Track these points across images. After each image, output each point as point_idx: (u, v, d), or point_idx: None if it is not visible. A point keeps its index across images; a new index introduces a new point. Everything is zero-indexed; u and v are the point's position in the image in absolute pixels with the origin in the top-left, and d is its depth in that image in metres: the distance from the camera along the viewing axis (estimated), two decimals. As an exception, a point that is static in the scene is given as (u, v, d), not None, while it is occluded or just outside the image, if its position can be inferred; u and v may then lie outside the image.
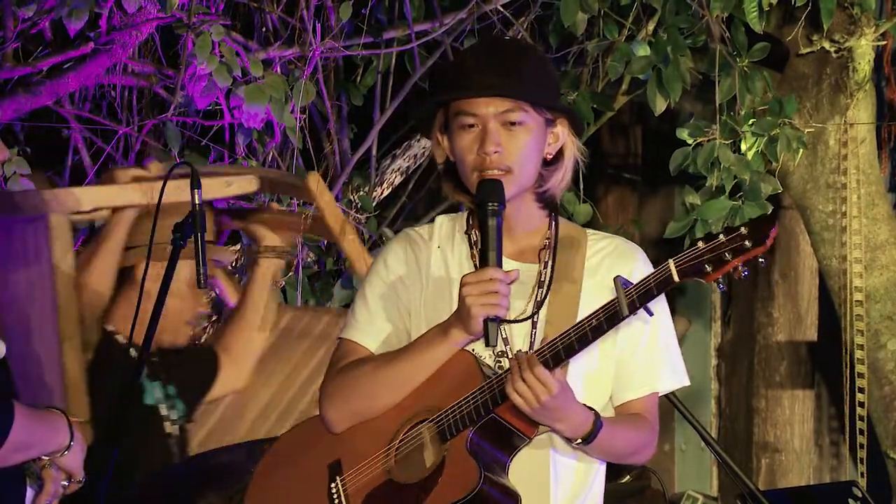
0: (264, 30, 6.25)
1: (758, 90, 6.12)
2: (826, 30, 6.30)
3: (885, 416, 6.53)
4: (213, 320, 5.58)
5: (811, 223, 6.55)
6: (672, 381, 3.69)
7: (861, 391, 6.44)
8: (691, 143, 6.03)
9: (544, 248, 3.68)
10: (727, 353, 7.52)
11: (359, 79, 6.54)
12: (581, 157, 3.70)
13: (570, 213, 6.18)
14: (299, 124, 5.80)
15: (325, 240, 5.84)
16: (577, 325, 3.47)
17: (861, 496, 5.10)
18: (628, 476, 5.12)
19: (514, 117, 3.58)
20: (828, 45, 6.42)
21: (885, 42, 6.66)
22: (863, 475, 6.43)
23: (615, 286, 3.45)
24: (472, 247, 3.68)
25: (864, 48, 6.40)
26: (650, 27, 6.18)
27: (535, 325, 3.61)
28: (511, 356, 3.55)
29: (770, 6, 6.05)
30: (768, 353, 7.32)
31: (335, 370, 3.65)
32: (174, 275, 4.13)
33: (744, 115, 6.09)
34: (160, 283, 4.10)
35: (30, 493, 3.65)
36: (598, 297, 3.58)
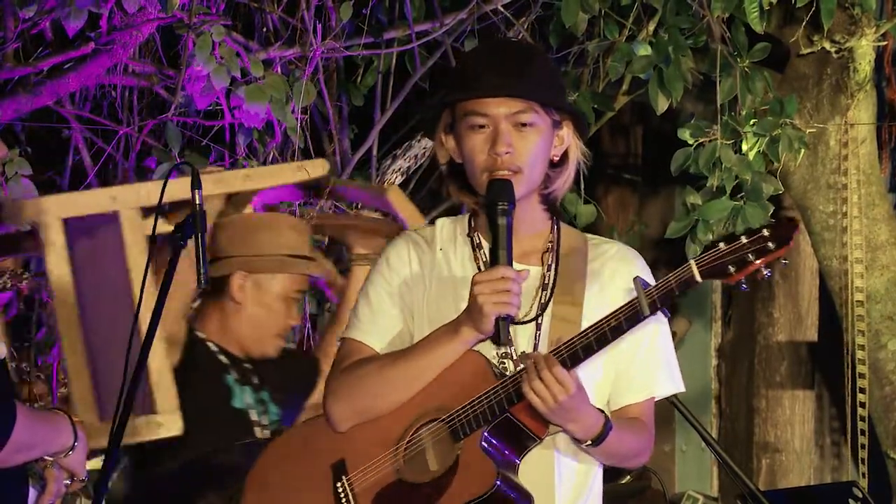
0: (265, 30, 6.25)
1: (758, 90, 6.12)
2: (826, 30, 6.30)
3: (885, 416, 6.53)
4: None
5: (812, 223, 6.56)
6: (670, 386, 3.70)
7: (863, 391, 6.44)
8: (692, 144, 6.03)
9: (547, 250, 3.68)
10: (728, 354, 7.52)
11: (359, 79, 6.54)
12: (584, 160, 3.71)
13: (573, 213, 6.18)
14: (300, 124, 5.81)
15: None
16: (595, 325, 3.48)
17: (861, 496, 5.10)
18: (629, 476, 5.12)
19: (525, 118, 3.59)
20: (828, 46, 6.42)
21: (885, 42, 6.66)
22: (864, 475, 6.43)
23: (635, 286, 3.46)
24: (475, 249, 3.69)
25: (865, 48, 6.40)
26: (651, 27, 6.18)
27: (539, 327, 3.61)
28: (515, 357, 3.57)
29: (770, 6, 6.06)
30: (769, 353, 7.32)
31: (340, 369, 3.65)
32: (267, 289, 4.50)
33: (745, 115, 6.09)
34: (255, 294, 4.26)
35: (32, 493, 3.65)
36: (601, 301, 3.61)
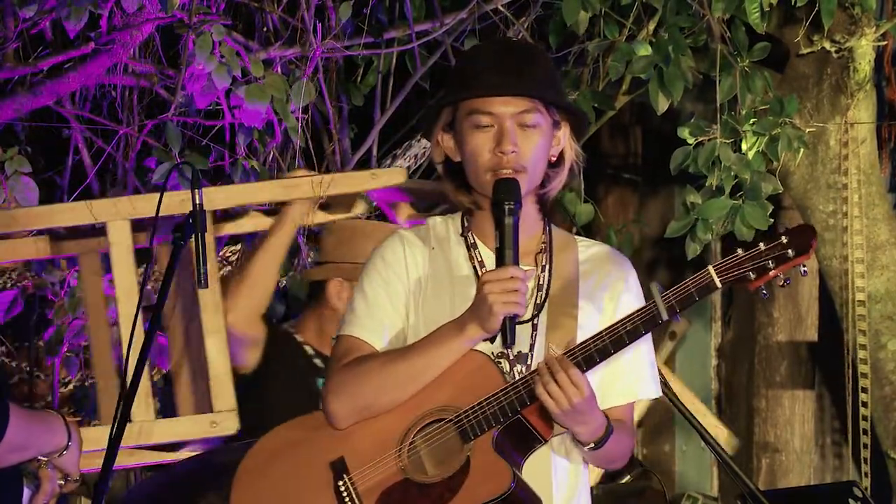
0: (265, 30, 6.26)
1: (758, 90, 6.12)
2: (826, 30, 6.30)
3: (885, 416, 6.53)
4: None
5: (812, 223, 6.55)
6: (653, 390, 3.73)
7: (864, 391, 6.44)
8: (692, 143, 6.03)
9: (541, 251, 3.69)
10: (727, 354, 7.52)
11: (359, 79, 6.54)
12: (578, 162, 3.72)
13: (572, 213, 6.17)
14: (300, 124, 5.80)
15: None
16: (610, 328, 3.49)
17: (861, 496, 5.10)
18: (629, 476, 5.12)
19: (529, 118, 3.60)
20: (828, 46, 6.42)
21: (885, 42, 6.66)
22: (866, 475, 6.43)
23: (653, 291, 3.48)
24: (470, 249, 3.69)
25: (865, 48, 6.40)
26: (651, 27, 6.18)
27: (535, 328, 3.62)
28: (512, 357, 3.57)
29: (771, 7, 6.05)
30: (769, 353, 7.32)
31: (340, 366, 3.63)
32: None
33: (744, 114, 6.08)
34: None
35: (27, 492, 3.65)
36: (593, 300, 3.63)
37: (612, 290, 3.67)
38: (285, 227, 4.94)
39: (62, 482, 3.67)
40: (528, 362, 3.60)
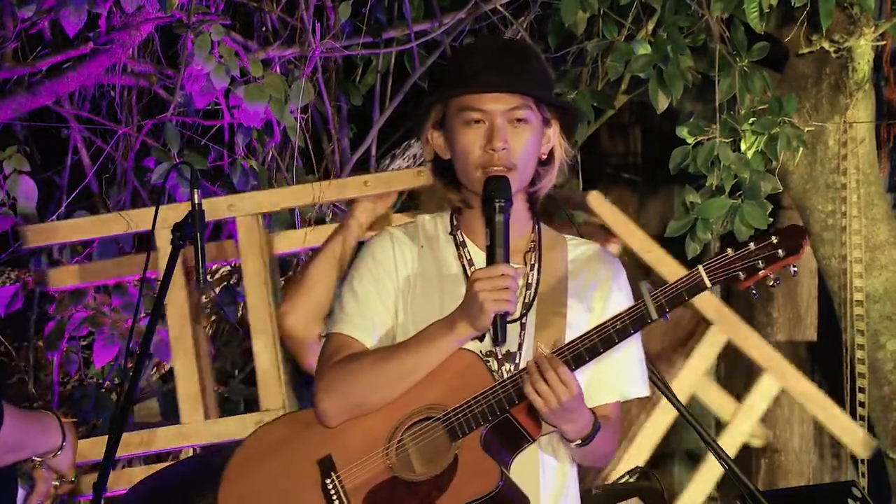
0: (264, 29, 6.25)
1: (757, 90, 6.12)
2: (825, 30, 6.30)
3: (883, 416, 6.53)
4: None
5: (811, 223, 6.55)
6: (641, 388, 3.74)
7: (862, 391, 6.44)
8: (691, 142, 6.03)
9: (530, 250, 3.69)
10: (727, 354, 7.51)
11: (358, 78, 6.54)
12: (567, 160, 3.73)
13: (571, 212, 6.17)
14: (299, 124, 5.80)
15: None
16: (599, 327, 3.49)
17: (860, 496, 5.10)
18: (628, 476, 5.11)
19: (520, 115, 3.60)
20: (827, 45, 6.42)
21: (884, 42, 6.66)
22: (863, 475, 6.43)
23: (642, 290, 3.48)
24: (459, 247, 3.69)
25: (864, 48, 6.40)
26: (650, 27, 6.18)
27: (523, 326, 3.62)
28: (500, 356, 3.58)
29: (770, 7, 6.05)
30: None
31: (331, 363, 3.63)
32: None
33: (743, 114, 6.09)
34: None
35: (21, 493, 3.65)
36: (582, 299, 3.64)
37: (601, 289, 3.68)
38: (349, 228, 4.92)
39: (57, 483, 3.67)
40: (517, 361, 3.60)
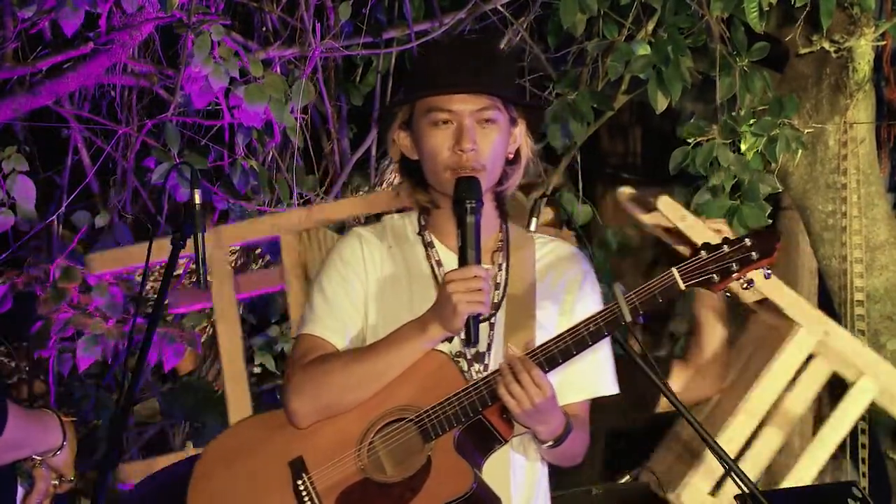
0: (264, 29, 6.25)
1: (757, 90, 6.12)
2: (825, 30, 6.29)
3: (884, 416, 6.51)
4: None
5: (811, 223, 6.55)
6: (612, 387, 3.74)
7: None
8: (691, 143, 6.03)
9: (497, 249, 3.70)
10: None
11: (358, 79, 6.54)
12: (533, 160, 3.74)
13: (570, 213, 6.17)
14: (299, 124, 5.80)
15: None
16: (572, 329, 3.50)
17: (861, 496, 5.10)
18: (628, 476, 5.12)
19: (488, 115, 3.60)
20: (827, 46, 6.41)
21: (884, 42, 6.65)
22: (864, 475, 6.42)
23: (615, 292, 3.48)
24: (427, 247, 3.69)
25: (864, 48, 6.39)
26: (650, 27, 6.18)
27: (492, 326, 3.63)
28: (469, 357, 3.58)
29: (770, 6, 6.05)
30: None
31: (302, 364, 3.63)
32: None
33: (744, 114, 6.08)
34: None
35: (20, 491, 3.65)
36: (552, 299, 3.65)
37: (570, 288, 3.69)
38: None
39: (56, 482, 3.67)
40: (486, 361, 3.61)
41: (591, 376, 3.69)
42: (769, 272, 3.46)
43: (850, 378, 5.35)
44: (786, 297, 5.28)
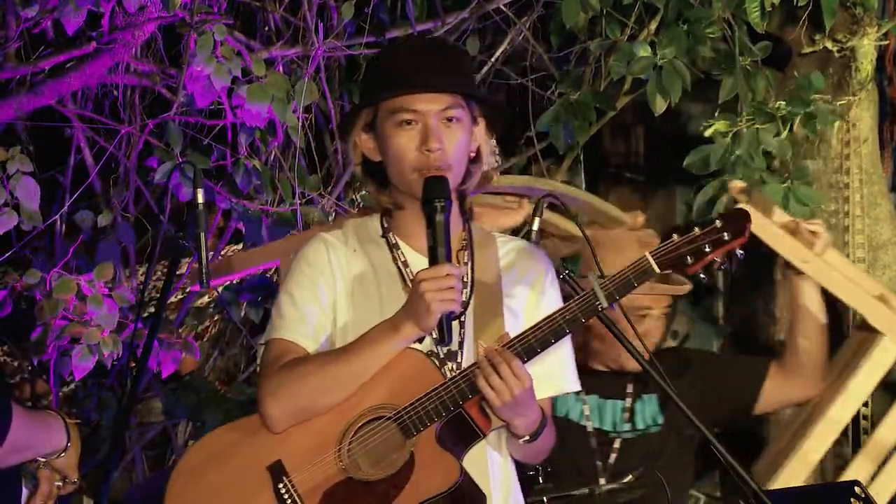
0: (267, 29, 6.25)
1: (760, 89, 6.12)
2: (828, 29, 6.29)
3: (887, 415, 6.51)
4: None
5: (813, 223, 6.55)
6: (574, 383, 3.75)
7: (864, 391, 6.43)
8: (728, 135, 6.00)
9: (462, 248, 3.71)
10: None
11: (361, 78, 6.53)
12: (495, 158, 3.77)
13: (574, 213, 6.16)
14: (302, 124, 5.80)
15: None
16: (548, 318, 3.52)
17: (863, 496, 5.09)
18: (631, 476, 5.11)
19: (453, 114, 3.61)
20: (830, 45, 6.42)
21: (887, 42, 6.66)
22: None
23: (591, 278, 3.52)
24: (392, 249, 3.69)
25: (867, 48, 6.40)
26: (652, 27, 6.17)
27: (462, 324, 3.63)
28: (442, 356, 3.60)
29: (772, 6, 6.05)
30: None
31: (275, 368, 3.61)
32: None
33: (745, 114, 6.08)
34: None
35: (24, 492, 3.65)
36: (517, 295, 3.67)
37: (535, 284, 3.71)
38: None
39: (60, 483, 3.67)
40: (459, 360, 3.61)
41: (557, 374, 3.71)
42: (742, 253, 3.49)
43: None
44: (869, 307, 5.31)
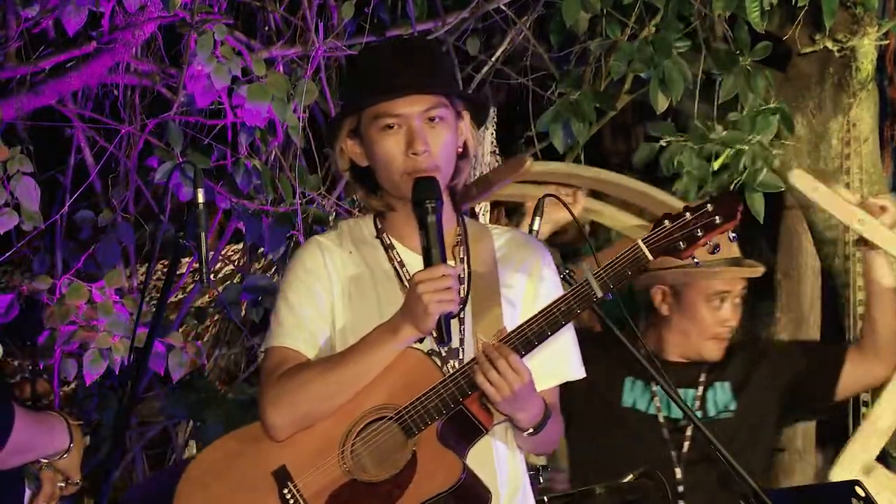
0: (267, 29, 6.25)
1: (760, 89, 6.12)
2: (829, 29, 6.30)
3: (887, 415, 6.51)
4: None
5: (814, 223, 6.55)
6: (579, 370, 3.74)
7: (865, 390, 6.43)
8: (664, 142, 6.05)
9: (457, 244, 3.71)
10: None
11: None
12: (482, 151, 3.76)
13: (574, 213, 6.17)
14: (302, 123, 5.80)
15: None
16: (544, 310, 3.52)
17: (864, 496, 5.09)
18: (631, 475, 5.11)
19: (436, 113, 3.61)
20: (830, 45, 6.42)
21: (887, 41, 6.66)
22: (867, 474, 6.41)
23: (585, 269, 3.51)
24: (388, 249, 3.69)
25: (867, 47, 6.40)
26: (652, 26, 6.17)
27: (462, 321, 3.63)
28: (444, 354, 3.60)
29: (772, 6, 6.05)
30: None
31: (275, 377, 3.61)
32: (685, 297, 4.92)
33: (746, 114, 6.09)
34: (676, 303, 4.82)
35: (27, 493, 3.65)
36: (515, 287, 3.66)
37: (532, 275, 3.70)
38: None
39: (62, 484, 3.67)
40: (461, 357, 3.61)
41: (560, 362, 3.70)
42: (735, 235, 3.50)
43: None
44: None
